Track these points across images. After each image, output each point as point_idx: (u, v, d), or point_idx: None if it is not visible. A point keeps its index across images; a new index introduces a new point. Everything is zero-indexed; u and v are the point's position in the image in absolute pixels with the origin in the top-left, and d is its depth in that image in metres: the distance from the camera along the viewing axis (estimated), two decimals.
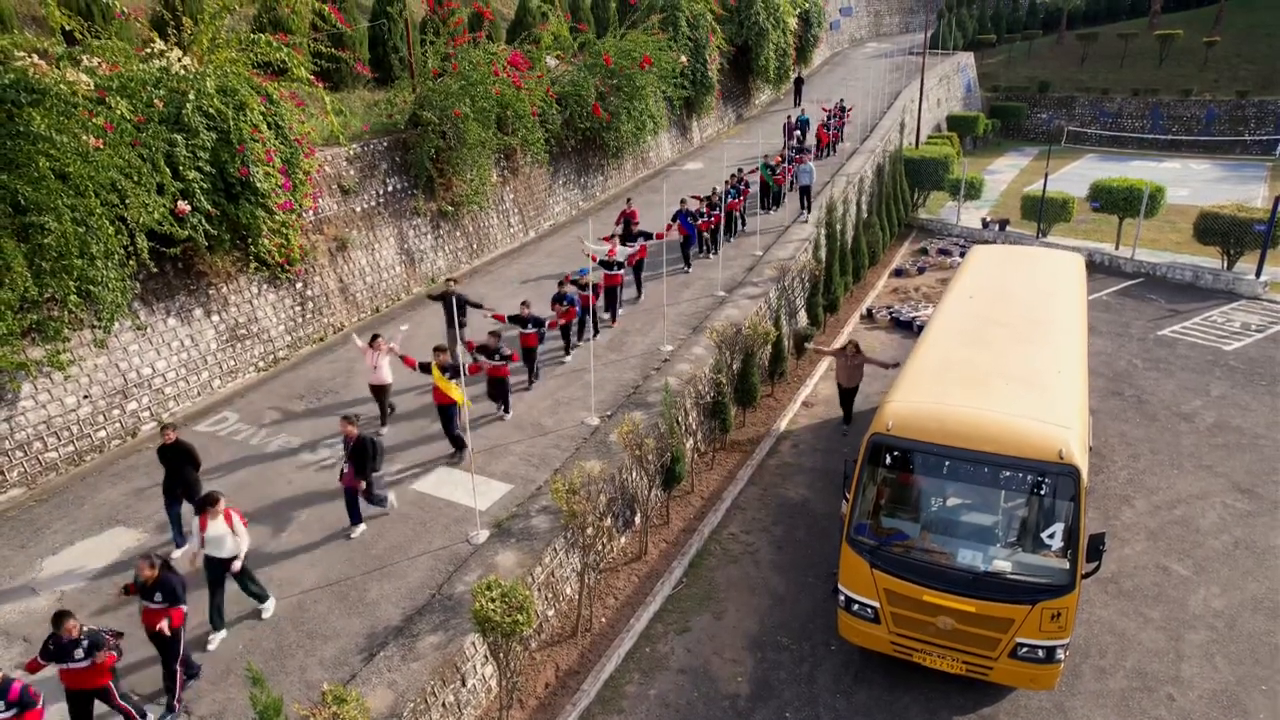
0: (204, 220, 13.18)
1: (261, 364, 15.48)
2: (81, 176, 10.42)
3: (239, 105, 13.82)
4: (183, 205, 12.12)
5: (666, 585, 10.59)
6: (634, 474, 11.44)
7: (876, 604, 8.44)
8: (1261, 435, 14.30)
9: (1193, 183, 37.20)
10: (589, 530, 9.22)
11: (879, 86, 40.41)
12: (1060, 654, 7.90)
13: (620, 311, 16.59)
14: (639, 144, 28.23)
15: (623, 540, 11.35)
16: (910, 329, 19.94)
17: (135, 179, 11.30)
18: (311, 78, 15.35)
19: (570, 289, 14.22)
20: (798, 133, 29.85)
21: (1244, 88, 46.07)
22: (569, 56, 26.00)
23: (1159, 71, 49.30)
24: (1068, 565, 7.79)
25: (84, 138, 10.31)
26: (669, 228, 18.82)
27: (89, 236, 10.67)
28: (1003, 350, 9.92)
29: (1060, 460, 7.75)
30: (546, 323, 13.39)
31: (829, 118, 31.32)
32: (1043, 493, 7.90)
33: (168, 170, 12.16)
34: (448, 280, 12.95)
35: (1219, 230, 22.50)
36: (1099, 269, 24.33)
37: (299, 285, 16.42)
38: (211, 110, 13.25)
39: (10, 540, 10.30)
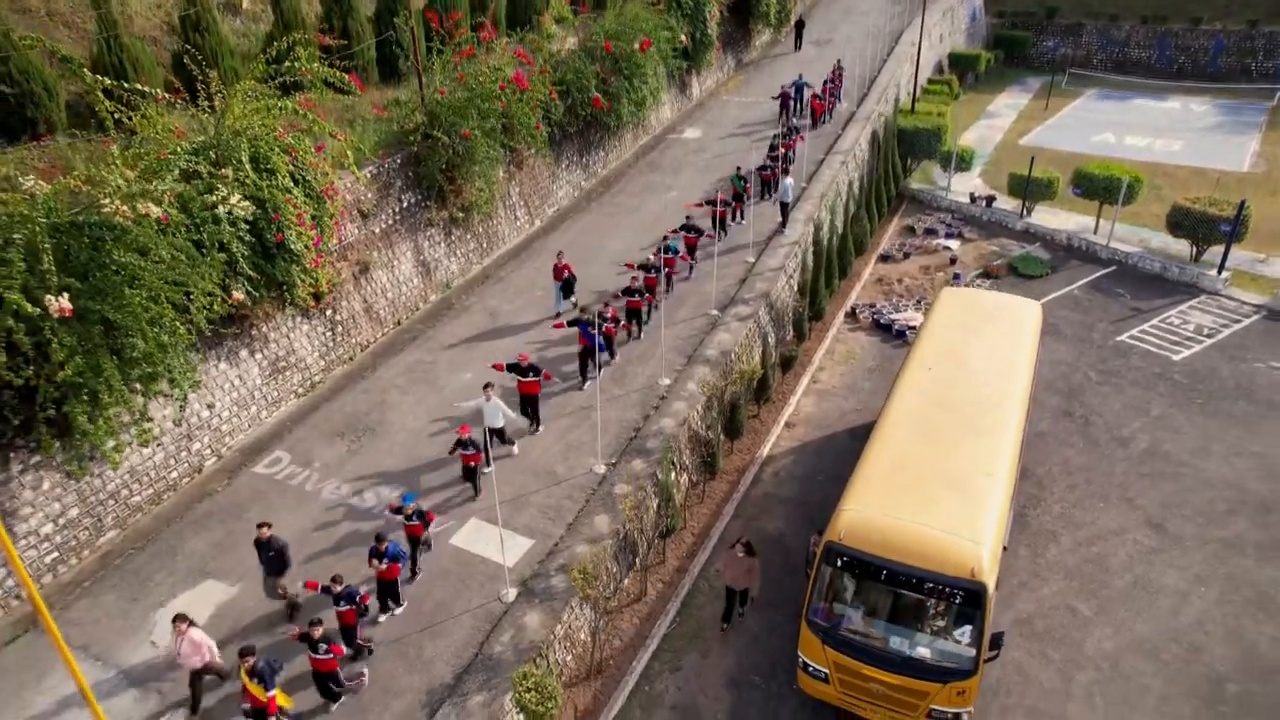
0: (247, 283, 14.78)
1: (300, 390, 17.36)
2: (155, 286, 12.01)
3: (270, 171, 15.17)
4: (237, 294, 13.74)
5: (663, 625, 12.92)
6: (637, 524, 13.56)
7: (827, 670, 10.73)
8: (1184, 463, 16.31)
9: (1188, 132, 37.60)
10: (599, 599, 11.41)
11: (880, 24, 40.20)
12: (964, 717, 10.24)
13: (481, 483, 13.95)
14: (640, 118, 29.05)
15: (625, 581, 13.59)
16: (890, 332, 21.62)
17: (194, 267, 12.85)
18: (335, 132, 16.51)
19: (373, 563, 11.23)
20: (793, 101, 30.43)
21: (1255, 15, 45.56)
22: (571, 32, 26.51)
23: None
24: (973, 654, 10.00)
25: (159, 253, 11.85)
26: (558, 325, 17.25)
27: (164, 336, 12.37)
28: (946, 447, 11.80)
29: (971, 577, 9.84)
30: (360, 596, 10.90)
31: (825, 82, 31.80)
32: (957, 600, 10.02)
33: (220, 255, 13.70)
34: (260, 526, 11.64)
35: (1189, 225, 23.77)
36: (1076, 254, 25.72)
37: (329, 312, 18.08)
38: (248, 182, 14.63)
39: (123, 593, 12.54)
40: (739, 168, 23.99)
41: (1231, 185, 31.06)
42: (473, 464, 13.56)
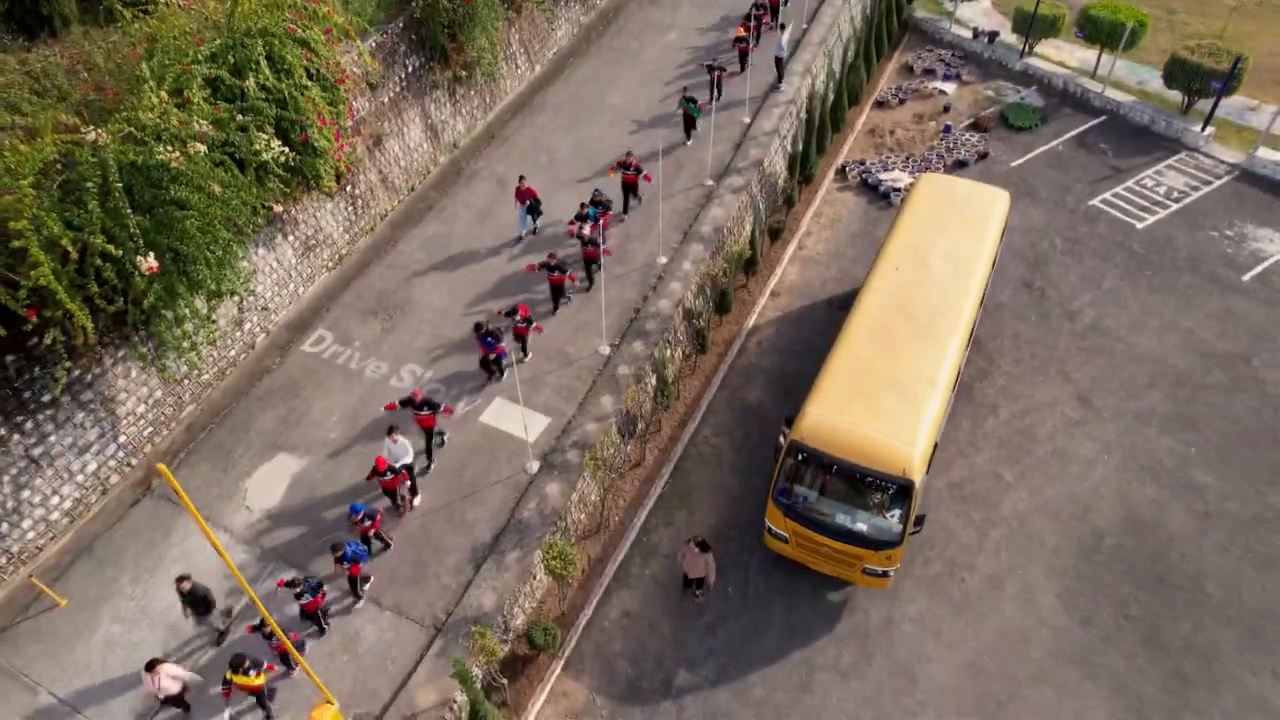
0: (280, 184, 16.09)
1: (330, 264, 19.12)
2: (210, 214, 13.52)
3: (287, 71, 15.91)
4: (277, 207, 15.14)
5: (658, 487, 15.75)
6: (637, 407, 15.99)
7: (787, 535, 13.62)
8: (1121, 339, 18.42)
9: None
10: (606, 477, 14.08)
11: None
12: (890, 573, 13.26)
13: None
14: None
15: (628, 449, 16.25)
16: (876, 193, 22.81)
17: (240, 192, 14.25)
18: (345, 24, 16.90)
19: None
20: None
21: None
22: None
23: None
24: (900, 530, 12.79)
25: (211, 187, 13.24)
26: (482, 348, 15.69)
27: (220, 252, 14.03)
28: (898, 354, 13.88)
29: (903, 474, 12.40)
30: (321, 591, 12.21)
31: None
32: (890, 491, 12.66)
33: (255, 174, 15.00)
34: (180, 580, 12.16)
35: (1183, 77, 24.05)
36: (1070, 101, 26.08)
37: (349, 188, 19.38)
38: (269, 85, 15.49)
39: (214, 464, 15.21)
40: (686, 89, 21.45)
41: (1250, 9, 30.45)
42: (392, 488, 13.66)
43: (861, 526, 13.03)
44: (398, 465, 13.51)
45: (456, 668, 10.98)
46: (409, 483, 14.00)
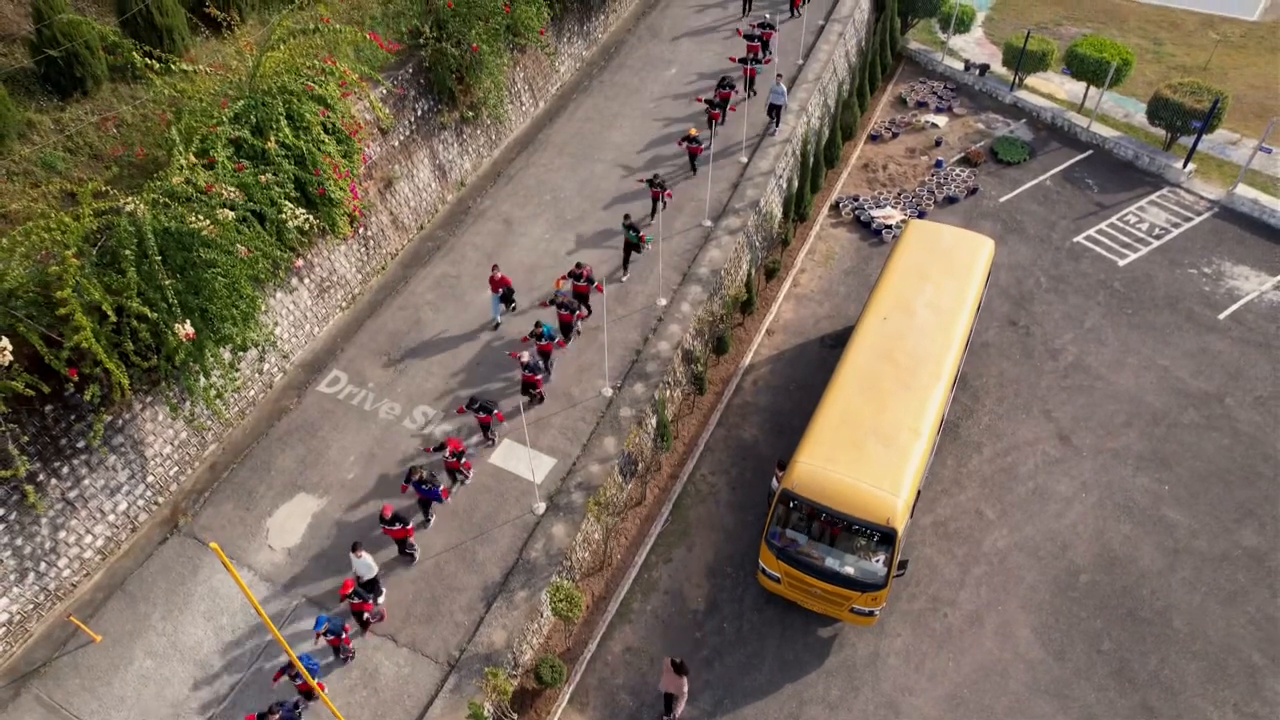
0: (299, 234, 16.95)
1: (344, 304, 19.97)
2: (236, 274, 14.37)
3: (306, 128, 16.77)
4: (299, 262, 15.98)
5: (657, 525, 16.60)
6: (639, 449, 16.84)
7: (779, 575, 14.47)
8: (1101, 377, 19.26)
9: None
10: (608, 520, 14.93)
11: None
12: (876, 613, 14.11)
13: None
14: None
15: (629, 488, 17.10)
16: (869, 230, 23.66)
17: (266, 251, 15.13)
18: (358, 78, 17.76)
19: None
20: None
21: None
22: None
23: None
24: (884, 573, 13.64)
25: (238, 248, 14.09)
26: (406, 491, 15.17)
27: (245, 306, 14.88)
28: (884, 404, 14.73)
29: (887, 524, 13.25)
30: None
31: None
32: (875, 538, 13.51)
33: (275, 230, 15.87)
34: None
35: (1166, 115, 24.89)
36: (1058, 135, 26.92)
37: (361, 230, 20.22)
38: (289, 143, 16.35)
39: (238, 504, 16.06)
40: (627, 215, 19.38)
41: (1235, 40, 31.30)
42: (365, 611, 13.85)
43: (849, 570, 13.89)
44: (364, 579, 13.87)
45: (472, 709, 11.83)
46: (377, 608, 14.22)
